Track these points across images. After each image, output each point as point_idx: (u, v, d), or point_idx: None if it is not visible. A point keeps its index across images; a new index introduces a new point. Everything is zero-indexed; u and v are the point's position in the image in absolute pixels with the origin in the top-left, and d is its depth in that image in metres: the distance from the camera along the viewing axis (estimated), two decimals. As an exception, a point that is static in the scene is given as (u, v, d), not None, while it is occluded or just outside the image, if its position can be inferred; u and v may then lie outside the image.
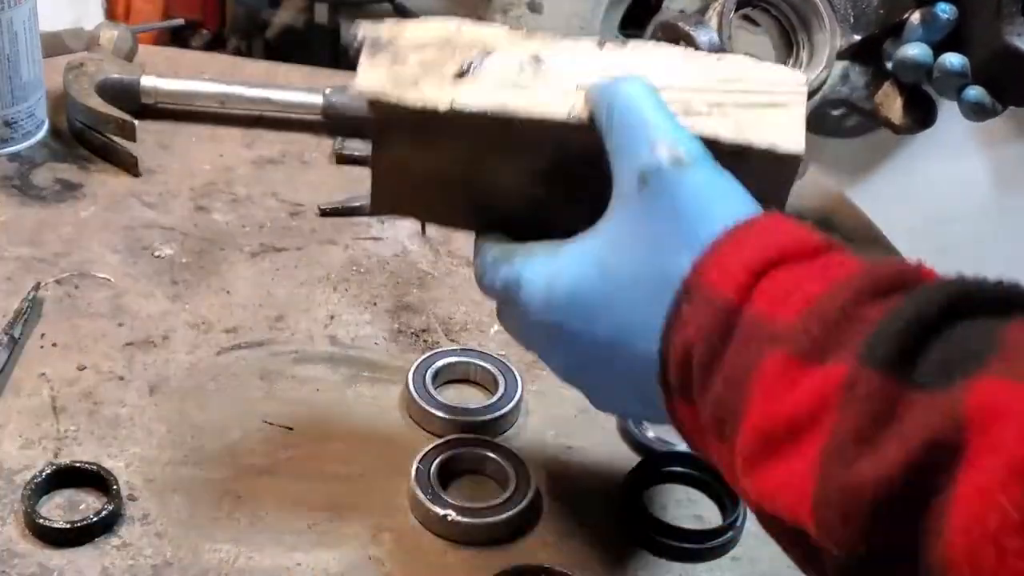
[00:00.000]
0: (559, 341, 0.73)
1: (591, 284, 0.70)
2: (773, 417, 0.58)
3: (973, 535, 0.49)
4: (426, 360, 0.98)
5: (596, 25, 2.97)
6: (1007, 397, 0.50)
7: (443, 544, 0.86)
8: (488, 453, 0.91)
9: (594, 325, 0.70)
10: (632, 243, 0.69)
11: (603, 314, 0.70)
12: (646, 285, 0.67)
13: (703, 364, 0.63)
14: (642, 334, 0.67)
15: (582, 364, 0.73)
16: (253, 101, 1.29)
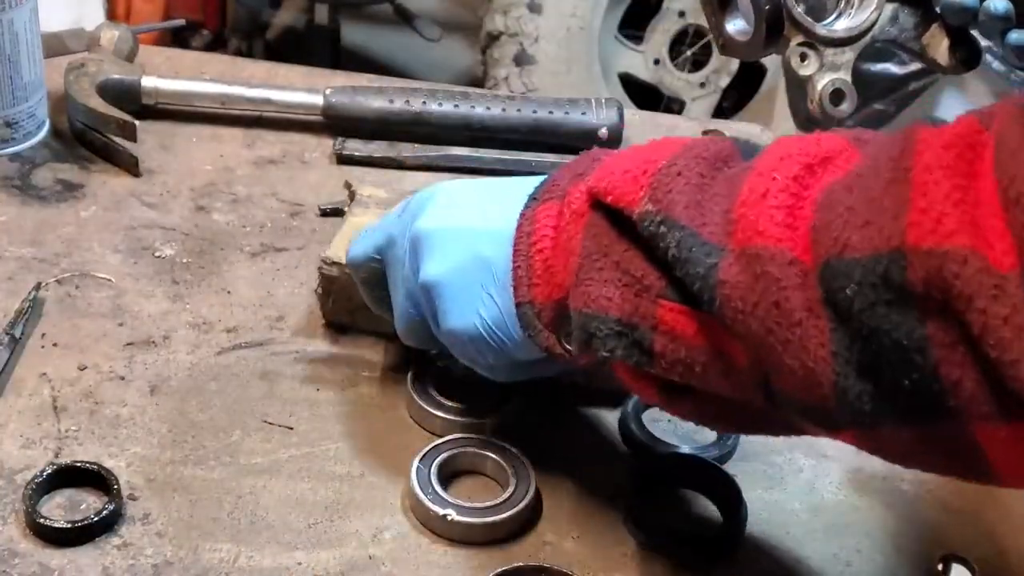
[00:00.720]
0: (436, 202, 0.86)
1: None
2: (640, 149, 0.79)
3: (749, 202, 0.69)
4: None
5: (596, 25, 2.98)
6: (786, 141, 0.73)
7: (443, 544, 0.86)
8: (488, 453, 0.91)
9: (473, 190, 0.87)
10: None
11: (486, 184, 0.89)
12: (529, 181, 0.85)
13: (590, 155, 0.83)
14: (526, 187, 0.84)
15: (453, 214, 0.85)
16: (253, 101, 1.30)
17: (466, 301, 0.83)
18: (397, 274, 0.89)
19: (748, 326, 0.67)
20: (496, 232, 0.82)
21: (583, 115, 1.30)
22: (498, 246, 0.82)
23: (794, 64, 0.97)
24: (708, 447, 0.95)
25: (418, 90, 1.32)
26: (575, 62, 2.95)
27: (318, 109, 1.29)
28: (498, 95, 1.32)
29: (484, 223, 0.83)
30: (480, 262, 0.82)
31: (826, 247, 0.64)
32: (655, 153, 0.76)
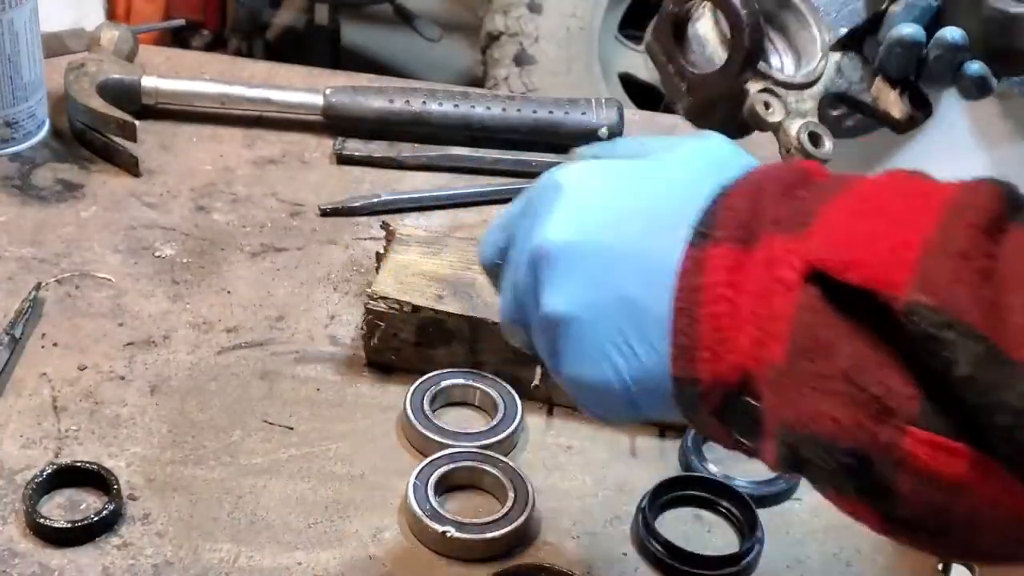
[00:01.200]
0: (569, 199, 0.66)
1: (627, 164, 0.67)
2: (878, 191, 0.59)
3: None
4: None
5: (596, 25, 2.98)
6: None
7: (443, 544, 0.86)
8: (486, 467, 0.90)
9: (620, 186, 0.66)
10: (687, 154, 0.67)
11: (635, 179, 0.66)
12: (702, 168, 0.65)
13: (779, 185, 0.61)
14: (687, 192, 0.63)
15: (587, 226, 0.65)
16: (253, 101, 1.30)
17: (598, 347, 0.64)
18: (509, 277, 0.70)
19: None
20: (642, 262, 0.63)
21: (583, 115, 1.30)
22: (646, 284, 0.62)
23: (759, 111, 0.93)
24: (775, 480, 0.92)
25: (418, 90, 1.32)
26: (575, 62, 2.94)
27: (318, 109, 1.29)
28: (498, 95, 1.32)
29: (623, 244, 0.63)
30: (621, 303, 0.63)
31: None
32: (909, 213, 0.57)
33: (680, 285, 0.61)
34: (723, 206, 0.61)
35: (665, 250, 0.61)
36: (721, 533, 0.90)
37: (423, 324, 0.97)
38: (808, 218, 0.58)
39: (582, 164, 0.68)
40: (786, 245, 0.58)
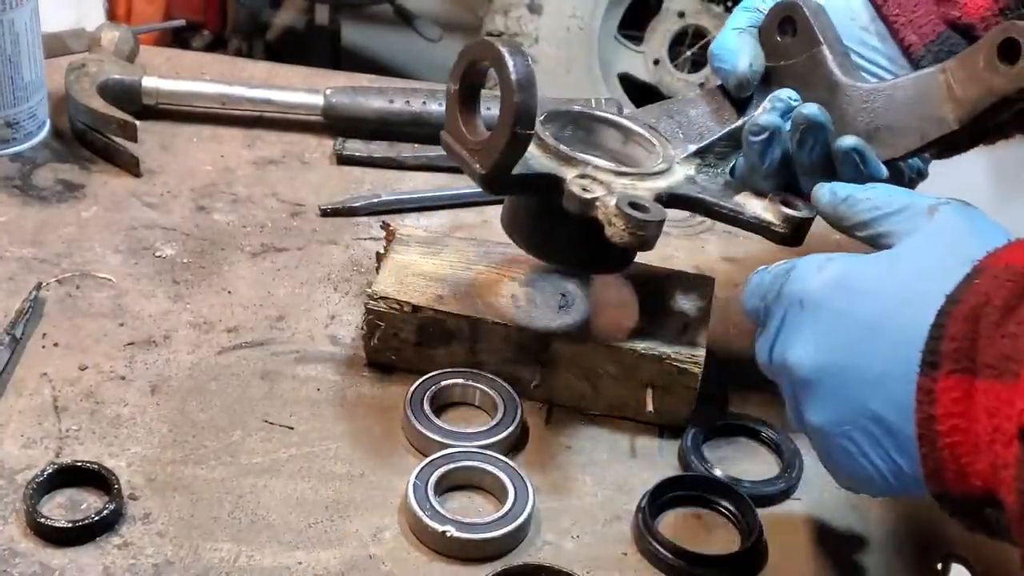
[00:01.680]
0: (818, 316, 0.76)
1: (868, 271, 0.76)
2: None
3: None
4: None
5: (596, 25, 2.98)
6: None
7: (443, 544, 0.87)
8: (486, 467, 0.90)
9: (860, 304, 0.75)
10: (924, 248, 0.75)
11: (874, 294, 0.74)
12: (930, 273, 0.72)
13: (996, 310, 0.66)
14: (916, 311, 0.70)
15: (835, 344, 0.75)
16: (254, 102, 1.30)
17: (861, 452, 0.75)
18: (764, 339, 0.82)
19: None
20: (883, 384, 0.72)
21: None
22: (891, 405, 0.72)
23: (575, 191, 0.87)
24: (775, 480, 0.94)
25: (418, 90, 1.32)
26: (575, 62, 2.94)
27: (318, 109, 1.29)
28: (498, 95, 1.32)
29: (864, 364, 0.73)
30: (875, 421, 0.73)
31: None
32: None
33: (917, 412, 0.68)
34: (947, 336, 0.68)
35: (901, 374, 0.70)
36: (721, 533, 0.90)
37: (423, 324, 0.97)
38: (1017, 366, 0.64)
39: (824, 269, 0.78)
40: (1000, 395, 0.64)
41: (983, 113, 0.85)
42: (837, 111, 0.92)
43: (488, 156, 0.87)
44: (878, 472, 0.75)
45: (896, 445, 0.71)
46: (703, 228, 1.22)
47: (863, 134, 0.90)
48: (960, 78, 0.85)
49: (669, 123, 0.99)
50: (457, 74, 0.90)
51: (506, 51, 0.84)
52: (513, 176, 0.88)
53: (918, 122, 0.88)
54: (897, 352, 0.71)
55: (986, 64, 0.83)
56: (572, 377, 0.97)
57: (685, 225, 1.21)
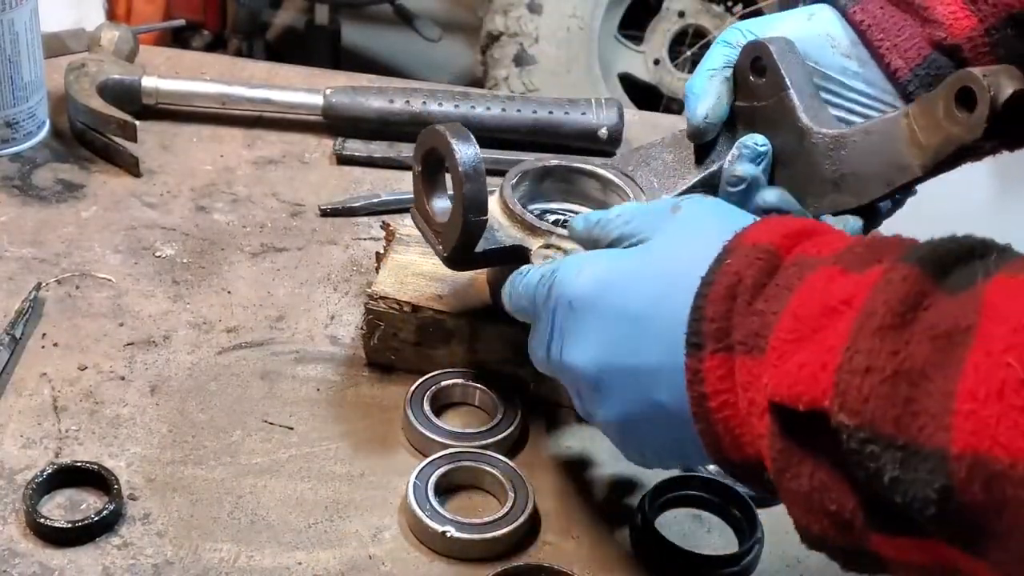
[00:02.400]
0: (586, 317, 0.78)
1: (625, 265, 0.78)
2: (810, 305, 0.64)
3: (979, 396, 0.54)
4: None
5: (596, 25, 2.98)
6: (1016, 286, 0.56)
7: (443, 544, 0.87)
8: (485, 467, 0.90)
9: (624, 300, 0.77)
10: (670, 241, 0.78)
11: (634, 289, 0.77)
12: (682, 260, 0.74)
13: (748, 289, 0.69)
14: (676, 298, 0.73)
15: (610, 344, 0.77)
16: (254, 102, 1.30)
17: (647, 439, 0.79)
18: (538, 340, 0.84)
19: (998, 556, 0.56)
20: (659, 370, 0.74)
21: (583, 115, 1.30)
22: (668, 390, 0.74)
23: (537, 263, 0.89)
24: None
25: (418, 90, 1.32)
26: (575, 62, 2.95)
27: (318, 109, 1.29)
28: (498, 95, 1.33)
29: (642, 356, 0.76)
30: (656, 408, 0.76)
31: None
32: (831, 329, 0.62)
33: (689, 392, 0.71)
34: (706, 317, 0.70)
35: (673, 360, 0.72)
36: (721, 533, 0.90)
37: (423, 324, 0.97)
38: (763, 341, 0.67)
39: (584, 270, 0.79)
40: (752, 370, 0.67)
41: (945, 160, 0.85)
42: (804, 156, 0.91)
43: (448, 240, 0.89)
44: (669, 452, 0.79)
45: (681, 427, 0.73)
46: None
47: (829, 181, 0.90)
48: (922, 124, 0.85)
49: (645, 171, 0.99)
50: (418, 158, 0.91)
51: (454, 141, 0.86)
52: (478, 253, 0.90)
53: (884, 168, 0.88)
54: (666, 340, 0.73)
55: (945, 112, 0.83)
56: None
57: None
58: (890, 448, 0.57)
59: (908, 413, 0.57)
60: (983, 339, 0.55)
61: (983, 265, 0.60)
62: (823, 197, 0.91)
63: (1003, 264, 0.59)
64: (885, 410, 0.58)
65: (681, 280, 0.73)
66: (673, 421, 0.74)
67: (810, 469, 0.63)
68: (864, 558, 0.64)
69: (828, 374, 0.60)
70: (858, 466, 0.59)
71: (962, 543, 0.57)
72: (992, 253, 0.61)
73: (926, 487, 0.56)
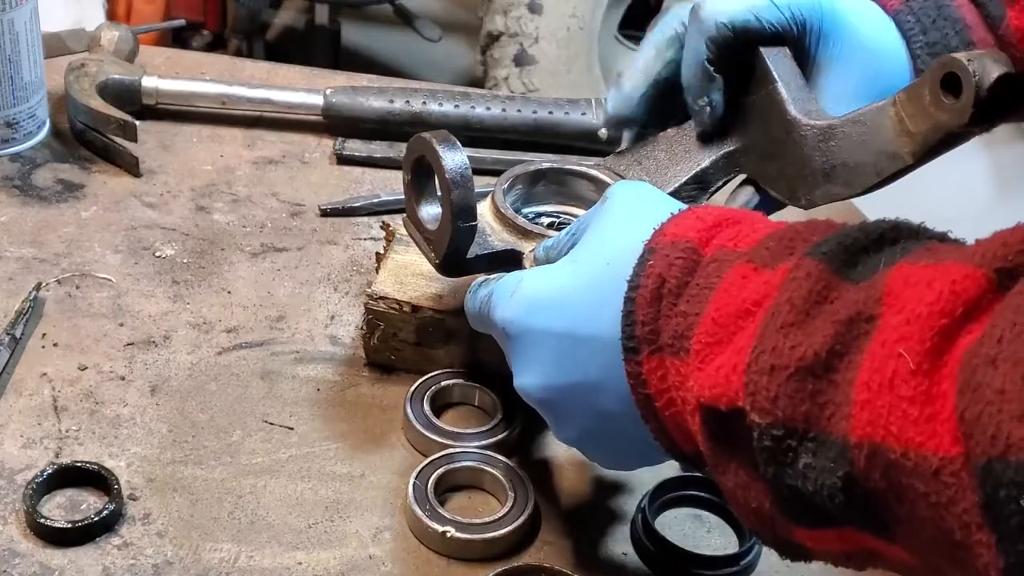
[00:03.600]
0: (524, 342, 0.79)
1: (551, 287, 0.78)
2: (726, 308, 0.65)
3: (873, 386, 0.56)
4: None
5: (596, 25, 2.98)
6: (916, 274, 0.57)
7: (443, 544, 0.87)
8: (485, 467, 0.90)
9: (554, 320, 0.77)
10: (593, 242, 0.78)
11: (564, 306, 0.77)
12: (607, 267, 0.75)
13: (672, 290, 0.70)
14: (605, 309, 0.73)
15: (550, 366, 0.78)
16: (254, 102, 1.30)
17: (609, 449, 0.81)
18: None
19: (907, 541, 0.58)
20: (603, 384, 0.75)
21: (583, 115, 1.30)
22: (617, 401, 0.74)
23: (528, 266, 0.89)
24: None
25: (418, 90, 1.32)
26: (575, 62, 2.95)
27: (318, 109, 1.29)
28: (498, 95, 1.33)
29: (584, 373, 0.76)
30: (608, 418, 0.77)
31: (983, 445, 0.51)
32: (743, 331, 0.64)
33: (634, 396, 0.72)
34: (638, 321, 0.71)
35: (615, 371, 0.73)
36: (721, 533, 0.90)
37: (423, 324, 0.97)
38: (687, 343, 0.68)
39: (516, 293, 0.80)
40: (680, 370, 0.68)
41: (934, 147, 0.84)
42: (794, 149, 0.91)
43: (439, 246, 0.90)
44: (634, 457, 0.80)
45: (635, 431, 0.74)
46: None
47: (820, 172, 0.90)
48: (910, 112, 0.84)
49: (638, 170, 0.99)
50: (408, 166, 0.91)
51: (440, 147, 0.86)
52: (470, 259, 0.90)
53: (874, 158, 0.87)
54: (602, 352, 0.74)
55: (932, 98, 0.82)
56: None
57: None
58: (804, 441, 0.59)
59: (816, 405, 0.58)
60: (882, 329, 0.57)
61: (890, 252, 0.61)
62: (815, 189, 0.91)
63: (910, 251, 0.60)
64: (795, 406, 0.59)
65: (607, 289, 0.73)
66: (627, 427, 0.74)
67: (734, 467, 0.65)
68: (793, 548, 0.66)
69: (739, 376, 0.62)
70: (772, 462, 0.61)
71: (872, 528, 0.59)
72: (903, 238, 0.62)
73: (831, 475, 0.58)
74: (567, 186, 1.00)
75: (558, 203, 0.98)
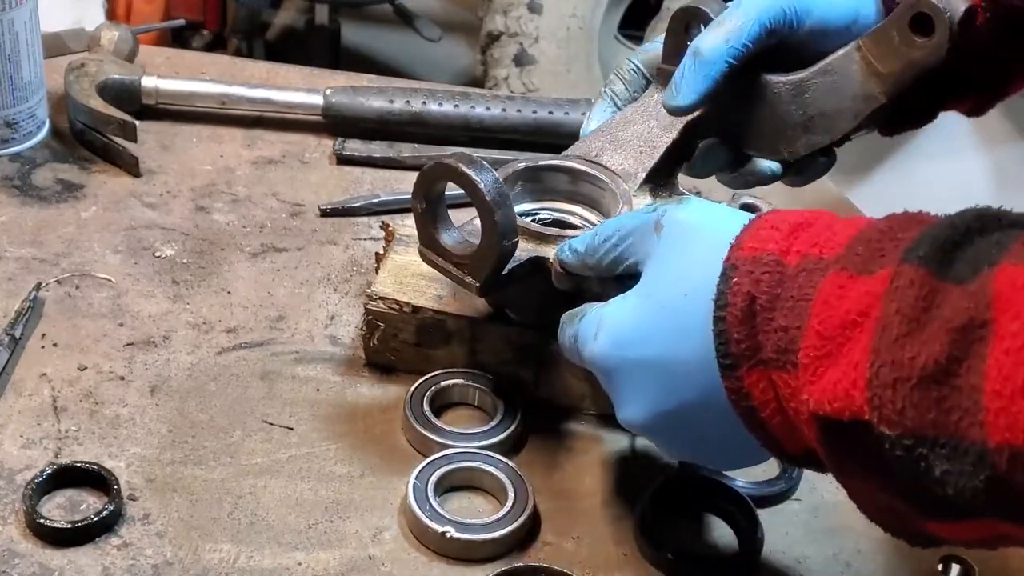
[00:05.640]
0: (619, 378, 0.79)
1: (631, 316, 0.78)
2: (830, 320, 0.66)
3: (1005, 394, 0.56)
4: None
5: (595, 26, 2.98)
6: (1021, 276, 0.58)
7: (443, 544, 0.86)
8: (485, 467, 0.90)
9: (642, 352, 0.77)
10: (664, 271, 0.77)
11: (648, 337, 0.77)
12: (683, 293, 0.75)
13: (765, 306, 0.70)
14: (691, 333, 0.74)
15: (646, 396, 0.78)
16: (253, 101, 1.30)
17: (718, 463, 0.85)
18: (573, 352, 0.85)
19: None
20: (703, 406, 0.75)
21: (583, 115, 1.30)
22: (721, 419, 0.74)
23: (556, 267, 0.89)
24: (775, 480, 0.93)
25: (418, 90, 1.32)
26: (575, 62, 2.95)
27: (318, 109, 1.29)
28: (498, 95, 1.33)
29: (682, 399, 0.76)
30: (712, 441, 0.78)
31: None
32: (855, 343, 0.64)
33: (737, 410, 0.72)
34: (731, 340, 0.71)
35: (715, 393, 0.73)
36: (721, 533, 0.90)
37: (423, 324, 0.97)
38: (793, 357, 0.68)
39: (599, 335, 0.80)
40: (789, 383, 0.68)
41: (909, 84, 0.87)
42: (770, 108, 0.93)
43: (479, 270, 0.89)
44: (744, 460, 0.81)
45: (740, 442, 0.74)
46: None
47: (799, 125, 0.92)
48: (877, 54, 0.87)
49: (612, 153, 0.99)
50: (420, 194, 0.90)
51: (472, 172, 0.86)
52: (503, 275, 0.90)
53: (850, 103, 0.90)
54: (698, 374, 0.74)
55: (901, 39, 0.85)
56: (572, 377, 0.97)
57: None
58: (935, 447, 0.60)
59: (942, 411, 0.59)
60: (1000, 337, 0.58)
61: (985, 248, 0.61)
62: (795, 141, 0.93)
63: (1006, 246, 0.61)
64: (922, 415, 0.60)
65: (689, 315, 0.74)
66: (732, 438, 0.75)
67: (861, 472, 0.66)
68: (924, 538, 0.67)
69: (860, 391, 0.63)
70: (906, 469, 0.62)
71: (1015, 518, 0.60)
72: (992, 229, 0.63)
73: (972, 478, 0.59)
74: (543, 182, 1.00)
75: (535, 200, 0.98)
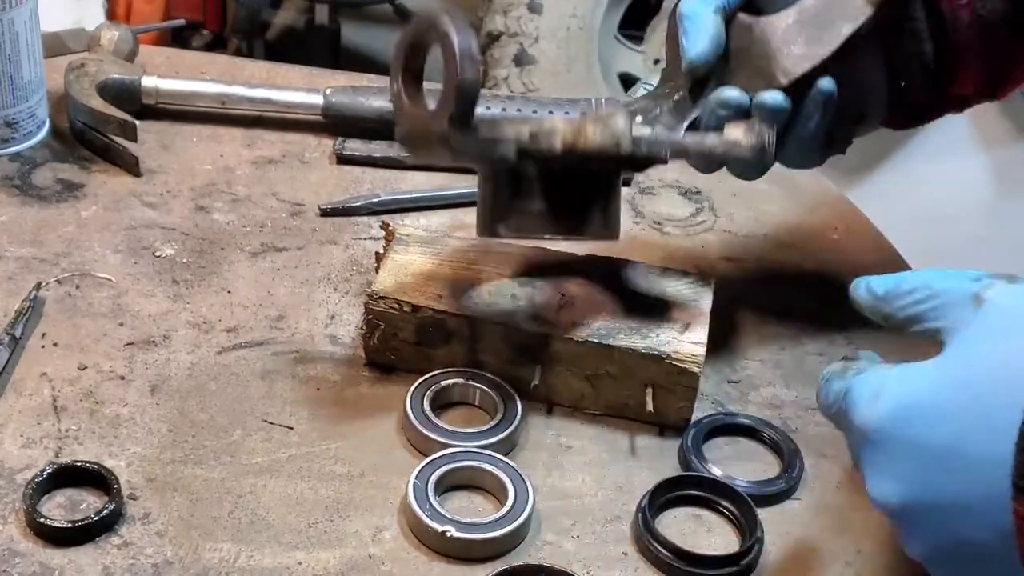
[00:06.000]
0: (889, 451, 0.73)
1: (924, 394, 0.71)
2: None
3: None
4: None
5: (595, 26, 2.98)
6: None
7: (443, 543, 0.87)
8: (486, 466, 0.90)
9: (927, 433, 0.70)
10: (978, 352, 0.70)
11: (943, 417, 0.70)
12: (992, 381, 0.68)
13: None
14: (989, 431, 0.67)
15: (912, 481, 0.72)
16: (253, 101, 1.30)
17: (961, 572, 0.74)
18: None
19: None
20: (973, 510, 0.69)
21: (583, 115, 1.30)
22: (985, 531, 0.68)
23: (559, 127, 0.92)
24: (775, 480, 0.94)
25: (418, 90, 1.32)
26: (575, 62, 2.94)
27: (318, 109, 1.29)
28: (498, 95, 1.32)
29: (951, 494, 0.70)
30: (967, 546, 0.70)
31: None
32: None
33: (1019, 539, 0.66)
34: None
35: (991, 501, 0.67)
36: (721, 533, 0.90)
37: (423, 324, 0.97)
38: None
39: (881, 397, 0.73)
40: None
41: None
42: (761, 46, 0.96)
43: (446, 106, 0.86)
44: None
45: (1001, 567, 0.69)
46: (703, 228, 1.22)
47: (791, 47, 0.95)
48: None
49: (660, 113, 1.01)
50: (401, 56, 0.90)
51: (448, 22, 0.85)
52: (482, 139, 0.88)
53: (840, 20, 0.94)
54: (981, 479, 0.68)
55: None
56: (572, 377, 0.97)
57: (685, 225, 1.21)
58: None
59: None
60: None
61: None
62: (789, 60, 0.96)
63: None
64: None
65: (994, 408, 0.67)
66: (993, 560, 0.69)
67: None
68: None
69: None
70: None
71: None
72: None
73: None
74: None
75: None
